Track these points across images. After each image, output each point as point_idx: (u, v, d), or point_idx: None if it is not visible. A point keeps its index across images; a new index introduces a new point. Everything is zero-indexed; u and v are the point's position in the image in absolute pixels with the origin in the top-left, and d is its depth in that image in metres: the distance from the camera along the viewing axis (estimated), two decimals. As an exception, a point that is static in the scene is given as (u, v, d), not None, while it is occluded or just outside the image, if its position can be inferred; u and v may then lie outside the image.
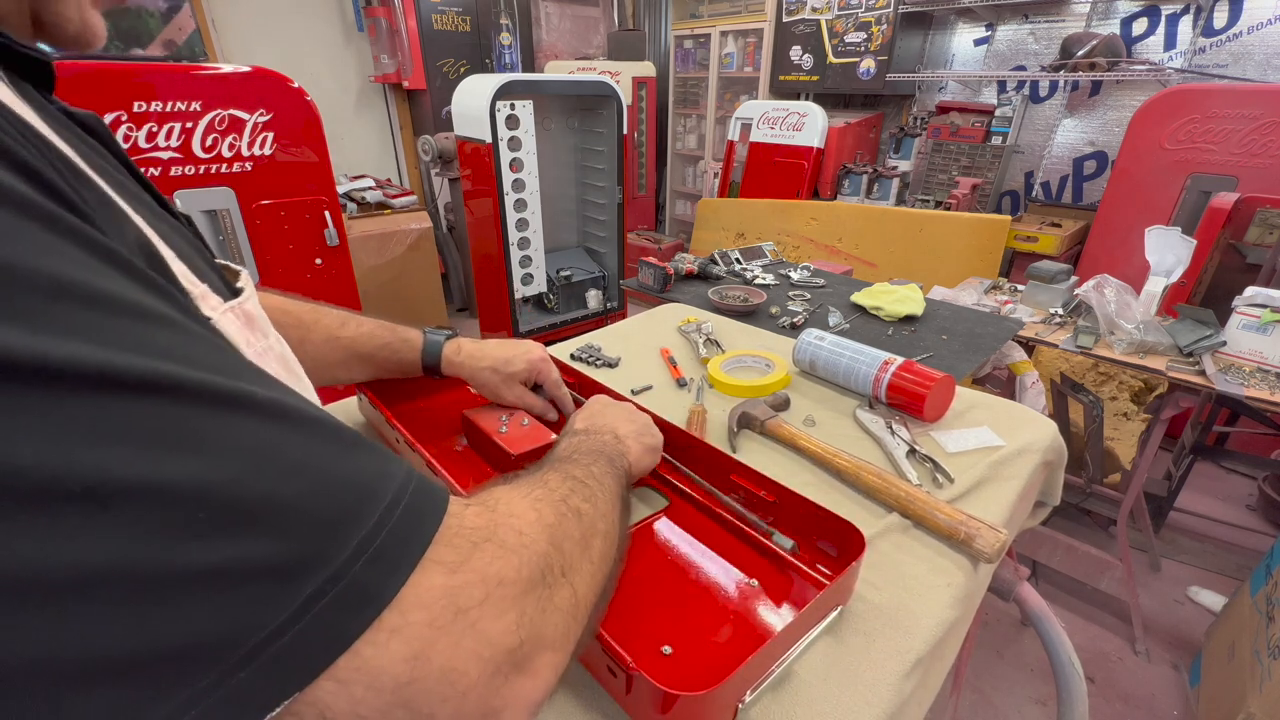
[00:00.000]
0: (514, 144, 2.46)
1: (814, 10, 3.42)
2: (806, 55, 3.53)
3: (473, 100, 2.41)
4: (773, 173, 3.42)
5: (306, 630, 0.23)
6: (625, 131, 2.76)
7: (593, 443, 0.54)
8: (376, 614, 0.25)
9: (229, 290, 0.37)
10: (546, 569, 0.32)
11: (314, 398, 0.48)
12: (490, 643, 0.28)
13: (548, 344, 0.97)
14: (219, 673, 0.21)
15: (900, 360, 0.91)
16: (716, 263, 1.82)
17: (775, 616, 0.54)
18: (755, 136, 3.47)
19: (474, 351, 0.78)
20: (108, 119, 1.57)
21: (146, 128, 1.63)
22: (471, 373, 0.77)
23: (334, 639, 0.24)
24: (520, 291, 2.74)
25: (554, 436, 0.74)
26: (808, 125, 3.25)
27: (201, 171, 1.75)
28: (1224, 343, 1.49)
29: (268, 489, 0.23)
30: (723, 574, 0.59)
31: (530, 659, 0.30)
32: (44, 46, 0.34)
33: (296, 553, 0.23)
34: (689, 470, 0.69)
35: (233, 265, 0.42)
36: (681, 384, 1.01)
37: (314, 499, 0.24)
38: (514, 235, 2.60)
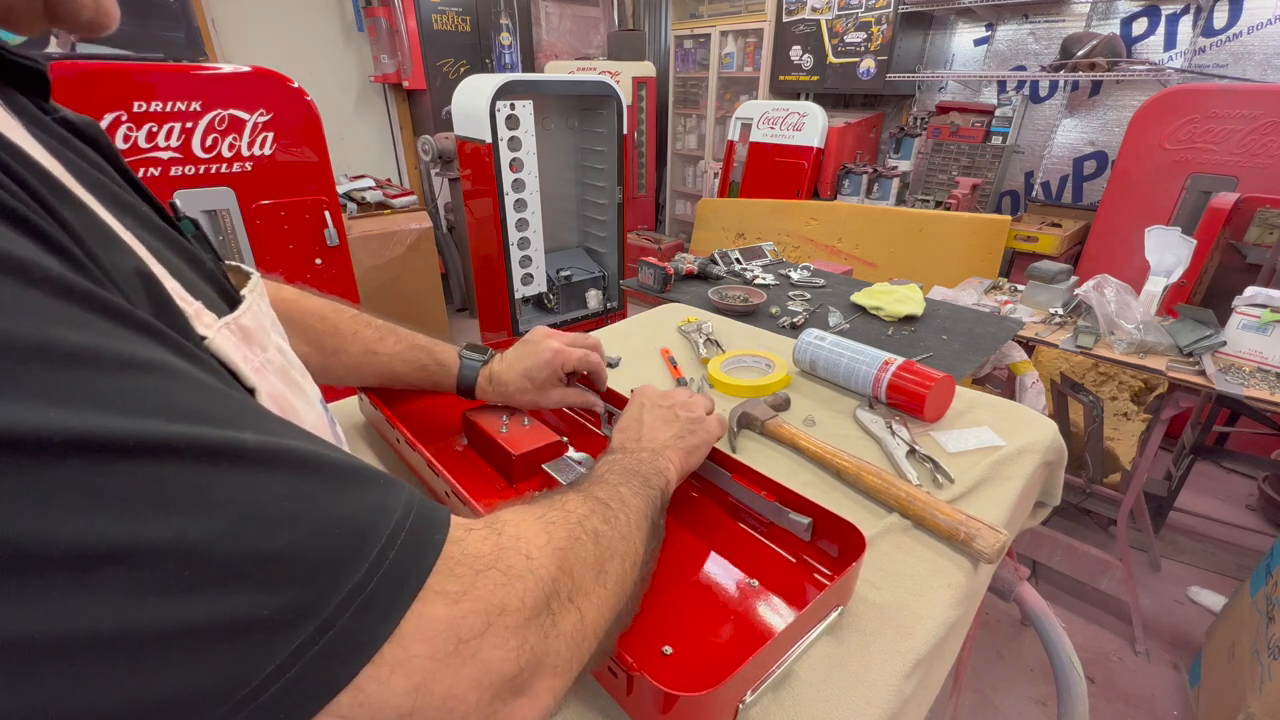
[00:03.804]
0: (514, 144, 2.46)
1: (814, 10, 3.42)
2: (806, 55, 3.53)
3: (473, 100, 2.40)
4: (773, 173, 3.42)
5: (296, 679, 0.23)
6: (625, 131, 2.76)
7: (628, 462, 0.53)
8: (368, 659, 0.25)
9: (227, 302, 0.36)
10: (553, 595, 0.32)
11: (317, 405, 0.48)
12: (490, 670, 0.28)
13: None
14: None
15: (900, 360, 0.91)
16: (716, 263, 1.82)
17: (776, 617, 0.54)
18: (755, 136, 3.47)
19: (500, 374, 0.75)
20: (108, 119, 1.57)
21: (146, 128, 1.63)
22: (505, 399, 0.76)
23: (325, 686, 0.24)
24: (520, 291, 2.74)
25: (556, 437, 0.74)
26: (808, 125, 3.25)
27: (201, 171, 1.75)
28: (1224, 343, 1.49)
29: (254, 543, 0.22)
30: (723, 574, 0.59)
31: (529, 684, 0.30)
32: (33, 51, 0.33)
33: (285, 605, 0.23)
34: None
35: (243, 268, 0.42)
36: (682, 384, 1.01)
37: (303, 549, 0.24)
38: (514, 235, 2.60)
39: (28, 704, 0.19)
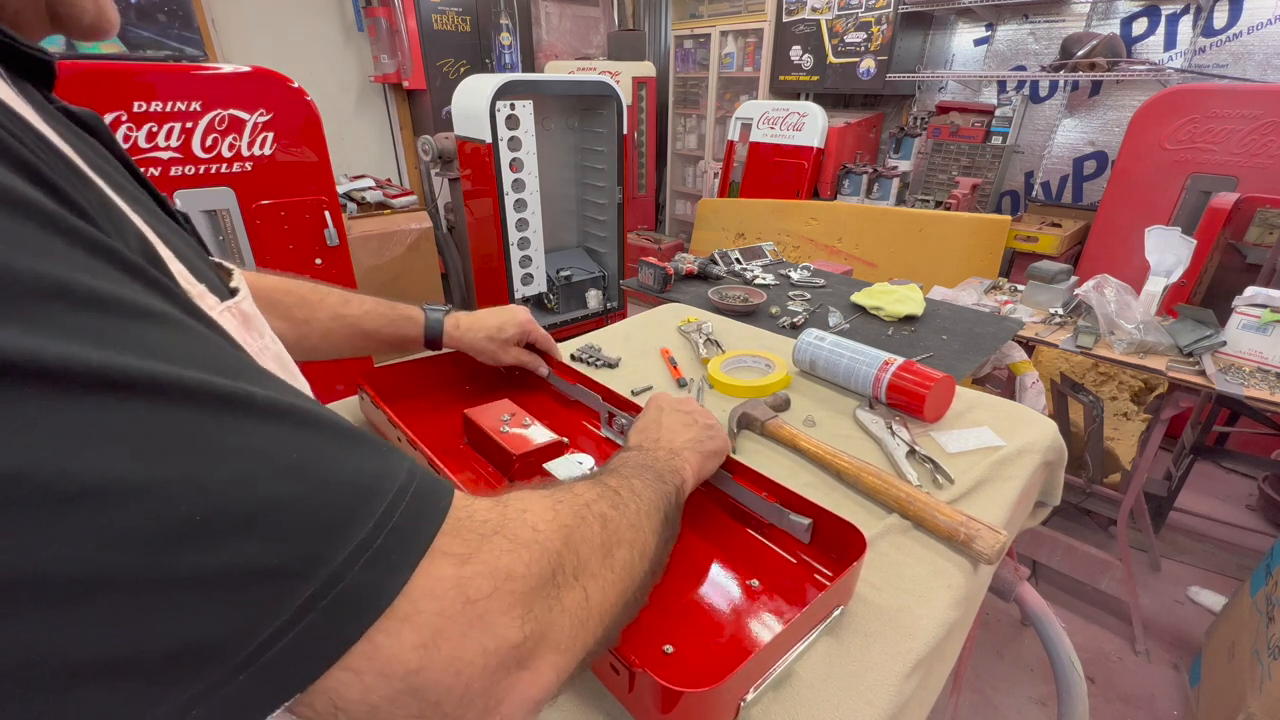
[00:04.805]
0: (514, 144, 2.45)
1: (814, 10, 3.42)
2: (806, 55, 3.53)
3: (473, 100, 2.40)
4: (773, 173, 3.42)
5: (305, 633, 0.23)
6: (625, 131, 2.76)
7: (643, 458, 0.53)
8: (379, 613, 0.25)
9: (226, 290, 0.37)
10: (558, 568, 0.32)
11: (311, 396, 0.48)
12: (495, 635, 0.28)
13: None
14: (218, 675, 0.21)
15: (900, 360, 0.91)
16: (716, 263, 1.82)
17: (776, 616, 0.54)
18: (755, 136, 3.46)
19: (470, 324, 0.86)
20: (108, 119, 1.57)
21: (146, 128, 1.63)
22: (470, 344, 0.85)
23: (334, 640, 0.24)
24: (520, 291, 2.74)
25: (557, 437, 0.74)
26: (808, 125, 3.25)
27: (201, 171, 1.75)
28: (1224, 343, 1.49)
29: (264, 491, 0.23)
30: (724, 574, 0.59)
31: (533, 656, 0.30)
32: (48, 42, 0.33)
33: (293, 556, 0.23)
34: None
35: (226, 264, 0.42)
36: (681, 384, 1.01)
37: (311, 501, 0.24)
38: (514, 235, 2.60)
39: (33, 646, 0.18)
